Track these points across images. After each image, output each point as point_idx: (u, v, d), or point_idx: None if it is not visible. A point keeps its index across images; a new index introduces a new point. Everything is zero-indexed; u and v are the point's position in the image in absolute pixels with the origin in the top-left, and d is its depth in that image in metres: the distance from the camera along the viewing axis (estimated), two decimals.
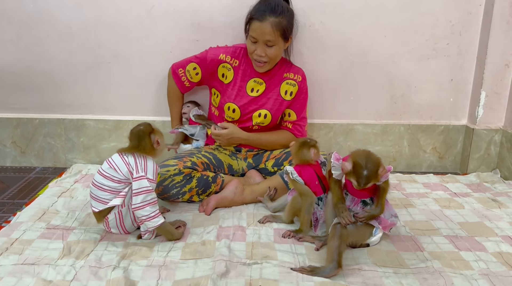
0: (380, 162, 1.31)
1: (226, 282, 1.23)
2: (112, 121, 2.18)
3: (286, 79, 1.89)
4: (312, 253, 1.41)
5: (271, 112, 1.88)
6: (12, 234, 1.47)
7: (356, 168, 1.29)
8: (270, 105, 1.88)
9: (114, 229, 1.48)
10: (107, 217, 1.45)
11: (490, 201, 1.84)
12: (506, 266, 1.35)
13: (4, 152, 2.22)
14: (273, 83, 1.89)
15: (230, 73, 1.87)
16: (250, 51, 1.79)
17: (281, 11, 1.72)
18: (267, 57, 1.77)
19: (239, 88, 1.88)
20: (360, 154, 1.32)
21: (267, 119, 1.89)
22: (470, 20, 2.07)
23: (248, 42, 1.78)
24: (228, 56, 1.87)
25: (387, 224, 1.43)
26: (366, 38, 2.08)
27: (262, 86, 1.88)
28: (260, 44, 1.74)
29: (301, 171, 1.50)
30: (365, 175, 1.28)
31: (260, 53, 1.75)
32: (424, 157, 2.26)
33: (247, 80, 1.88)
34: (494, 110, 2.13)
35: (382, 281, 1.25)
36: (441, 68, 2.14)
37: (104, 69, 2.12)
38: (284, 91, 1.89)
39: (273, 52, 1.76)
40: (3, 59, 2.10)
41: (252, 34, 1.74)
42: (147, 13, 2.03)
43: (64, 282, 1.22)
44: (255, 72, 1.87)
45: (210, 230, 1.54)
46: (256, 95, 1.88)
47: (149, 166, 1.42)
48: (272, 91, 1.89)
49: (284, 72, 1.90)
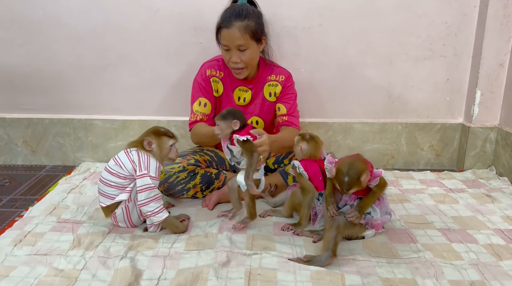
0: (363, 169, 1.36)
1: (227, 271, 1.29)
2: (119, 121, 2.26)
3: (268, 81, 1.90)
4: (309, 245, 1.47)
5: (262, 117, 1.92)
6: (25, 227, 1.56)
7: (338, 175, 1.37)
8: (258, 110, 1.92)
9: (121, 223, 1.55)
10: (115, 212, 1.52)
11: (484, 196, 1.90)
12: (496, 257, 1.40)
13: (16, 151, 2.31)
14: (257, 88, 1.91)
15: (219, 85, 1.89)
16: (226, 60, 1.79)
17: (246, 14, 1.72)
18: (242, 63, 1.76)
19: (227, 99, 1.91)
20: (345, 161, 1.39)
21: (259, 125, 1.93)
22: (465, 21, 2.13)
23: (222, 52, 1.79)
24: (213, 70, 1.87)
25: (379, 223, 1.50)
26: (363, 40, 2.15)
27: (248, 93, 1.90)
28: (233, 50, 1.74)
29: (306, 166, 1.55)
30: (346, 182, 1.35)
31: (235, 59, 1.75)
32: (421, 154, 2.32)
33: (233, 90, 1.90)
34: (489, 108, 2.19)
35: (376, 270, 1.32)
36: (437, 68, 2.20)
37: (111, 71, 2.20)
38: (268, 93, 1.91)
39: (247, 56, 1.75)
40: (14, 62, 2.19)
41: (223, 42, 1.74)
42: (152, 17, 2.11)
43: (75, 271, 1.29)
44: (239, 80, 1.88)
45: (212, 223, 1.61)
46: (244, 103, 1.91)
47: (151, 164, 1.48)
48: (257, 97, 1.92)
49: (267, 75, 1.91)
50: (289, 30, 2.11)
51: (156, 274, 1.28)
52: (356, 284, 1.25)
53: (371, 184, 1.41)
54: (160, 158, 1.52)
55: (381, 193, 1.45)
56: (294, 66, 2.09)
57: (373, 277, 1.28)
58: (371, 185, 1.41)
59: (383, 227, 1.54)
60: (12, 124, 2.27)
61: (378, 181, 1.41)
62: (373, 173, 1.40)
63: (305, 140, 1.57)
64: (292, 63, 2.08)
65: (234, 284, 1.24)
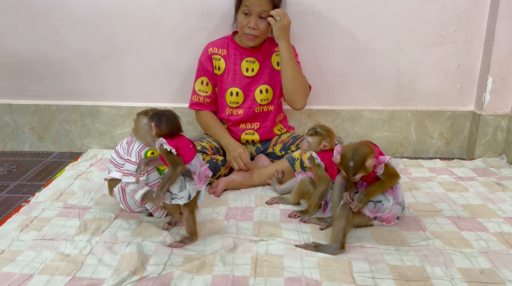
0: (368, 153, 1.33)
1: (233, 257, 1.29)
2: (125, 107, 2.25)
3: (275, 52, 1.93)
4: (316, 232, 1.46)
5: (271, 85, 1.94)
6: (32, 213, 1.56)
7: (343, 160, 1.34)
8: (267, 79, 1.94)
9: (121, 204, 1.53)
10: (113, 190, 1.51)
11: (495, 184, 1.87)
12: (506, 245, 1.38)
13: (22, 138, 2.31)
14: (265, 59, 1.94)
15: (221, 62, 1.92)
16: (242, 25, 1.82)
17: None
18: (258, 31, 1.81)
19: (234, 72, 1.92)
20: (350, 147, 1.36)
21: (269, 93, 1.94)
22: (477, 6, 2.09)
23: (240, 16, 1.82)
24: (215, 48, 1.92)
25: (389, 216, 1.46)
26: (373, 26, 2.11)
27: (255, 64, 1.92)
28: (253, 16, 1.78)
29: (323, 156, 1.54)
30: (351, 166, 1.32)
31: (253, 25, 1.79)
32: (431, 143, 2.29)
33: (240, 63, 1.92)
34: (501, 96, 2.15)
35: (383, 258, 1.30)
36: (448, 54, 2.16)
37: (117, 57, 2.18)
38: (276, 63, 1.93)
39: (264, 25, 1.80)
40: (20, 48, 2.18)
41: (246, 3, 1.77)
42: (159, 2, 2.08)
43: (81, 256, 1.29)
44: (245, 52, 1.92)
45: (219, 210, 1.60)
46: (253, 74, 1.92)
47: (134, 148, 1.45)
48: (266, 67, 1.94)
49: (273, 47, 1.94)
50: (298, 15, 2.07)
51: (162, 259, 1.28)
52: (363, 271, 1.24)
53: (377, 171, 1.38)
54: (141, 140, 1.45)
55: (390, 184, 1.42)
56: (302, 52, 2.07)
57: (381, 264, 1.27)
58: (377, 173, 1.38)
59: (397, 218, 1.50)
60: (18, 110, 2.27)
61: (383, 168, 1.37)
62: (378, 159, 1.37)
63: (324, 136, 1.54)
64: (300, 48, 2.04)
65: (240, 270, 1.23)
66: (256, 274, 1.21)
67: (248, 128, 1.97)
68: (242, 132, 1.97)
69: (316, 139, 1.54)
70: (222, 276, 1.20)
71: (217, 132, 1.92)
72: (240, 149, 1.81)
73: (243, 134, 1.97)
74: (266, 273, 1.22)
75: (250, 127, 1.97)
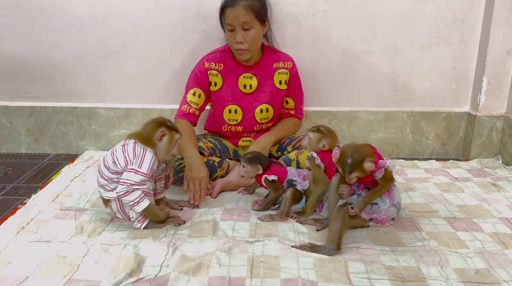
0: (368, 155, 1.33)
1: (230, 258, 1.29)
2: (122, 109, 2.25)
3: (277, 69, 1.89)
4: (313, 232, 1.46)
5: (271, 104, 1.91)
6: (28, 215, 1.55)
7: (341, 156, 1.35)
8: (268, 98, 1.90)
9: (118, 214, 1.50)
10: (110, 202, 1.48)
11: (490, 185, 1.88)
12: (501, 245, 1.39)
13: (18, 140, 2.31)
14: (264, 75, 1.89)
15: (218, 78, 1.87)
16: (230, 42, 1.78)
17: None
18: (246, 44, 1.75)
19: (232, 88, 1.88)
20: (351, 145, 1.37)
21: (269, 112, 1.92)
22: (472, 8, 2.10)
23: (226, 33, 1.78)
24: (212, 63, 1.86)
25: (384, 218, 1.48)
26: (368, 27, 2.12)
27: (253, 80, 1.88)
28: (237, 30, 1.73)
29: (323, 157, 1.54)
30: (348, 163, 1.32)
31: (239, 39, 1.73)
32: (426, 143, 2.30)
33: (237, 79, 1.88)
34: (496, 97, 2.16)
35: (379, 258, 1.31)
36: (443, 55, 2.17)
37: (113, 59, 2.19)
38: (278, 82, 1.90)
39: (251, 36, 1.74)
40: (16, 50, 2.18)
41: (228, 21, 1.73)
42: (155, 4, 2.08)
43: (77, 258, 1.29)
44: (242, 68, 1.87)
45: (215, 211, 1.60)
46: (251, 91, 1.89)
47: (146, 159, 1.40)
48: (266, 85, 1.90)
49: (273, 62, 1.89)
50: (294, 16, 2.08)
51: (158, 260, 1.28)
52: (359, 271, 1.24)
53: (376, 176, 1.38)
54: (164, 153, 1.45)
55: (387, 188, 1.43)
56: (298, 54, 2.07)
57: (377, 264, 1.27)
58: (376, 177, 1.39)
59: (392, 219, 1.51)
60: (15, 112, 2.27)
61: (382, 173, 1.37)
62: (377, 164, 1.37)
63: (325, 135, 1.55)
64: (296, 50, 2.05)
65: (236, 271, 1.23)
66: (252, 275, 1.22)
67: (245, 136, 1.97)
68: (239, 139, 1.97)
69: (317, 136, 1.55)
70: (218, 278, 1.20)
71: (186, 145, 1.73)
72: (204, 173, 1.67)
73: (240, 141, 1.97)
74: (263, 274, 1.22)
75: (247, 135, 1.97)
